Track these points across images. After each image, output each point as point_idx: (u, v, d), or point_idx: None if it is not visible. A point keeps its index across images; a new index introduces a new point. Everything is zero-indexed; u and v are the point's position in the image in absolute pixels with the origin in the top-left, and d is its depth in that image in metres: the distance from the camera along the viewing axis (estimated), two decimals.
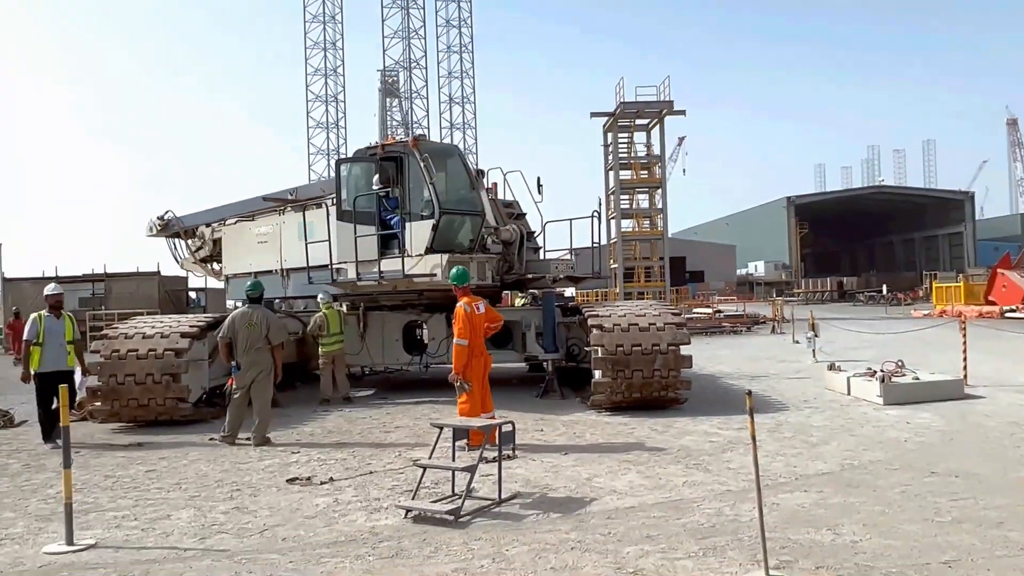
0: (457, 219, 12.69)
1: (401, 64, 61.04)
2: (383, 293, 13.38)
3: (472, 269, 11.97)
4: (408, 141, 12.66)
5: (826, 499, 6.45)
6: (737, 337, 27.96)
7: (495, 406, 12.17)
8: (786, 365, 17.23)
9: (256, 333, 9.70)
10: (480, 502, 6.59)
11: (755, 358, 19.23)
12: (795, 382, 14.16)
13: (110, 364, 10.80)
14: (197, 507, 6.76)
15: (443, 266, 11.73)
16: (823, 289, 68.34)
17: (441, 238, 12.25)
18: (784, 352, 20.50)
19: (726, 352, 21.14)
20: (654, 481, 7.24)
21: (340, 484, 7.45)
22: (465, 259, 12.01)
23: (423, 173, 12.13)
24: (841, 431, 9.40)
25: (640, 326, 11.09)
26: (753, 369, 16.75)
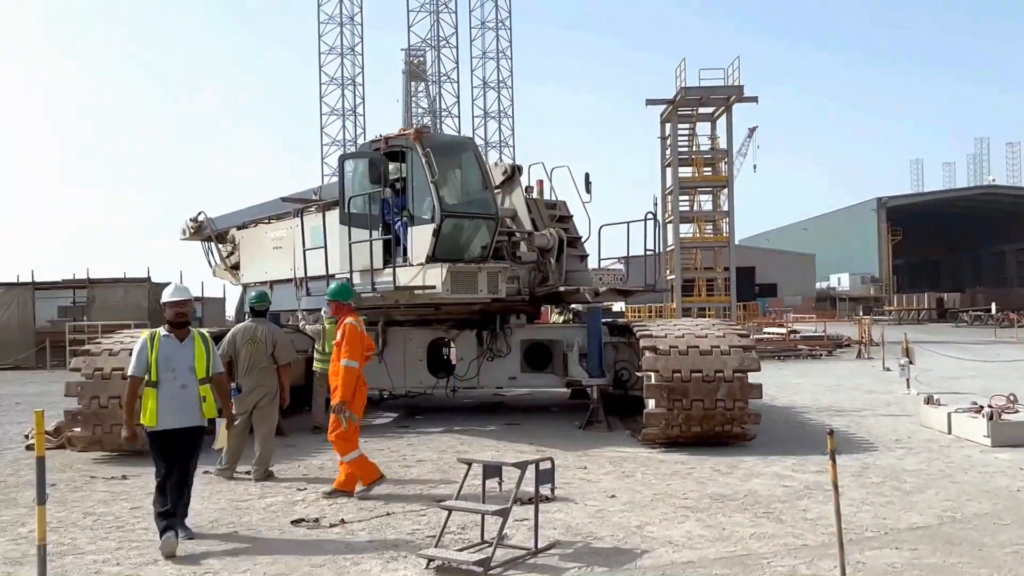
0: (465, 223, 12.63)
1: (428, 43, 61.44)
2: (392, 307, 13.44)
3: (480, 280, 11.97)
4: (411, 133, 12.64)
5: (921, 558, 6.33)
6: (816, 362, 27.62)
7: (532, 436, 12.26)
8: (874, 397, 16.98)
9: (260, 351, 9.79)
10: (513, 551, 6.58)
11: (837, 388, 18.99)
12: (885, 417, 13.96)
13: (92, 384, 10.98)
14: (188, 552, 6.83)
15: (444, 277, 11.67)
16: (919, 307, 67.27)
17: (445, 245, 12.16)
18: (872, 381, 20.22)
19: (802, 381, 20.90)
20: (716, 532, 7.17)
21: (352, 527, 7.48)
22: (472, 269, 11.96)
23: (425, 170, 12.12)
24: (940, 477, 9.24)
25: (701, 348, 11.02)
26: (835, 401, 16.53)
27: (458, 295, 11.94)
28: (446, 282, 11.68)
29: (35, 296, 32.60)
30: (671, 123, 40.08)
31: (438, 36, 61.49)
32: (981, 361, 23.79)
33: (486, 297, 12.24)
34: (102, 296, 32.59)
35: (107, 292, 32.74)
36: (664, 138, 41.10)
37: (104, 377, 10.99)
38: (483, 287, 12.01)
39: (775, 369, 23.56)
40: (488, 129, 62.35)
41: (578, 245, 15.12)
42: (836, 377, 21.69)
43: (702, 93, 38.79)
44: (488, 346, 13.97)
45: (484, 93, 62.88)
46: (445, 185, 12.56)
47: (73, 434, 11.30)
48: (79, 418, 11.01)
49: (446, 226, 12.15)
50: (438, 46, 61.53)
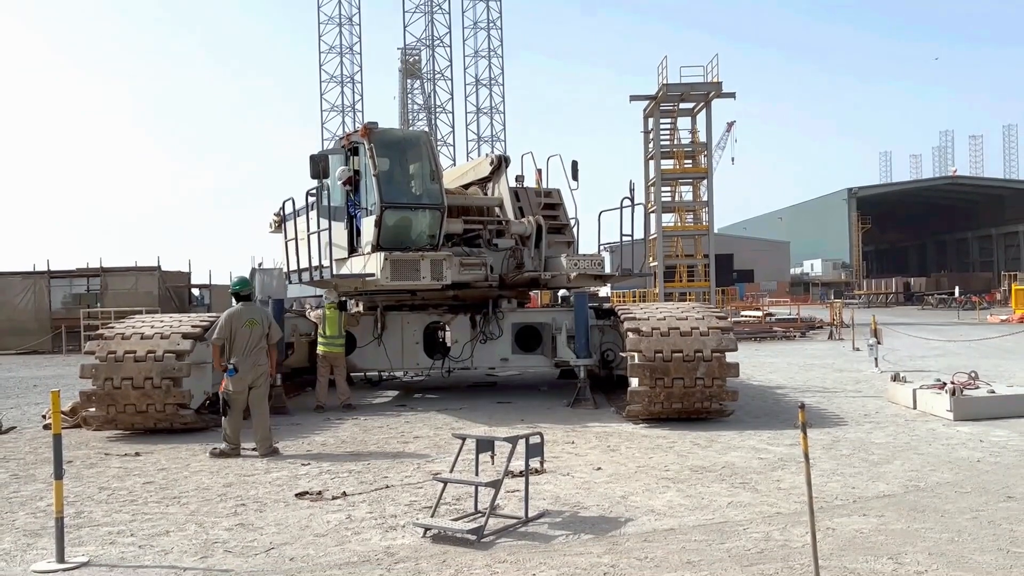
0: (410, 213, 12.77)
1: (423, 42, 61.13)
2: (377, 292, 13.68)
3: (423, 268, 12.01)
4: (360, 130, 12.91)
5: (887, 524, 6.38)
6: (790, 343, 27.73)
7: (523, 413, 12.30)
8: (844, 375, 17.06)
9: (258, 332, 9.82)
10: (505, 521, 6.61)
11: (810, 367, 19.07)
12: (854, 394, 14.03)
13: (106, 366, 10.95)
14: (198, 523, 6.85)
15: (383, 266, 11.84)
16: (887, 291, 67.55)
17: (389, 234, 12.37)
18: (842, 361, 20.30)
19: (777, 360, 20.98)
20: (696, 501, 7.21)
21: (353, 499, 7.50)
22: (413, 258, 12.01)
23: (370, 164, 12.38)
24: (905, 449, 9.30)
25: (681, 330, 11.05)
26: (807, 379, 16.61)
27: (399, 282, 12.08)
28: (385, 270, 11.84)
29: (50, 284, 32.48)
30: (654, 118, 39.99)
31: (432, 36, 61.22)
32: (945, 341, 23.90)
33: (431, 284, 12.26)
34: (114, 284, 32.46)
35: (119, 280, 32.61)
36: (647, 132, 41.00)
37: (117, 360, 10.96)
38: (426, 274, 12.04)
39: (752, 350, 23.64)
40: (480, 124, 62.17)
41: (565, 232, 15.13)
42: (809, 357, 21.77)
43: (683, 89, 38.70)
44: (481, 329, 14.00)
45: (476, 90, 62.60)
46: (392, 178, 12.75)
47: (88, 414, 11.28)
48: (94, 399, 10.98)
49: (388, 217, 12.34)
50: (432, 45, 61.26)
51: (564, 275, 13.56)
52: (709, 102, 39.08)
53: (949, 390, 11.33)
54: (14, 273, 33.14)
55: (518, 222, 13.86)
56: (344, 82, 60.45)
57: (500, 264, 13.45)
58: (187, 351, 11.11)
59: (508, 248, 13.54)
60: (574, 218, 15.27)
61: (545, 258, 13.79)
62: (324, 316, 13.33)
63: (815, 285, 74.82)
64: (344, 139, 13.56)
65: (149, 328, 11.55)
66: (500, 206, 14.41)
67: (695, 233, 41.64)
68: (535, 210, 14.28)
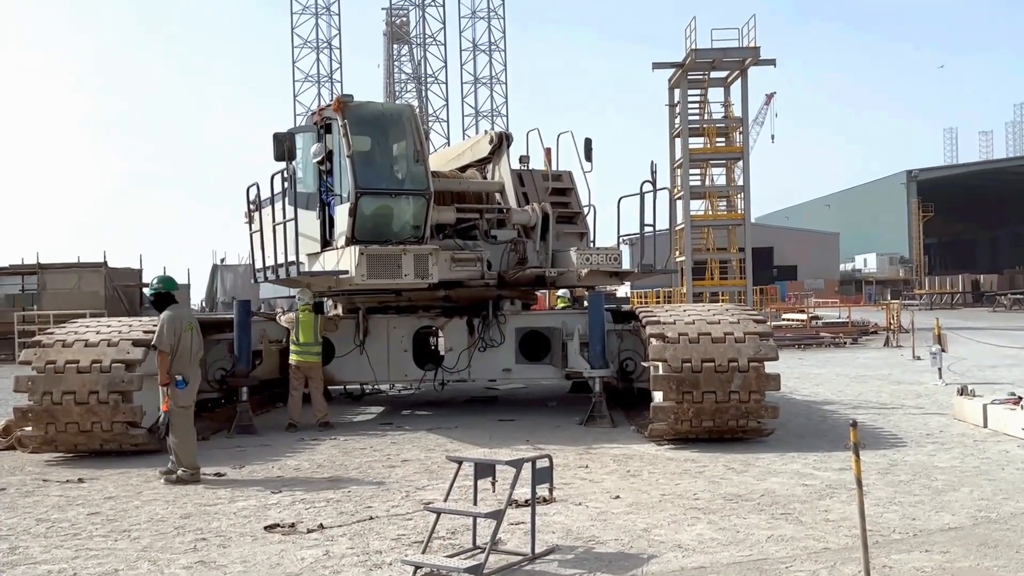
0: (388, 201, 12.75)
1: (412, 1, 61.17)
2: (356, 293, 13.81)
3: (405, 264, 11.92)
4: (333, 104, 12.84)
5: (953, 562, 6.38)
6: (839, 351, 27.72)
7: (529, 433, 12.30)
8: (903, 388, 17.07)
9: (198, 339, 10.01)
10: (508, 557, 6.61)
11: (863, 379, 19.08)
12: (915, 410, 14.04)
13: (44, 379, 10.97)
14: (152, 560, 6.86)
15: (358, 261, 11.73)
16: (952, 290, 67.51)
17: (366, 225, 12.30)
18: (900, 371, 20.31)
19: (825, 371, 20.99)
20: (730, 535, 7.21)
21: (332, 532, 7.51)
22: (393, 252, 11.93)
23: (343, 144, 12.32)
24: (975, 474, 9.30)
25: (713, 336, 11.05)
26: (860, 393, 16.62)
27: (377, 281, 11.97)
28: (360, 266, 11.74)
29: None
30: (680, 89, 39.98)
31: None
32: (1020, 348, 23.87)
33: (415, 283, 12.23)
34: (54, 283, 32.56)
35: (59, 278, 32.70)
36: (672, 105, 41.00)
37: (57, 371, 10.97)
38: (409, 272, 11.95)
39: (795, 359, 23.64)
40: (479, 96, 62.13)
41: (577, 220, 15.12)
42: (861, 367, 21.78)
43: (714, 56, 38.66)
44: (480, 335, 14.01)
45: (474, 56, 62.56)
46: (370, 160, 12.70)
47: (24, 433, 11.30)
48: (30, 416, 10.99)
49: (364, 204, 12.25)
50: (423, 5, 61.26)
51: (574, 272, 13.55)
52: (745, 70, 39.07)
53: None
54: None
55: (521, 210, 13.87)
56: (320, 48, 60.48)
57: (499, 259, 13.45)
58: (138, 360, 11.12)
59: (509, 241, 13.54)
60: (589, 205, 15.29)
61: (553, 252, 13.76)
62: (297, 320, 13.33)
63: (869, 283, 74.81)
64: (316, 115, 13.57)
65: (94, 334, 11.57)
66: (501, 191, 14.42)
67: (728, 223, 41.68)
68: (542, 196, 14.29)
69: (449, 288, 13.33)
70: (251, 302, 14.74)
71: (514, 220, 13.80)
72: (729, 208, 42.13)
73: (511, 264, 13.45)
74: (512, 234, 13.67)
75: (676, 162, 40.57)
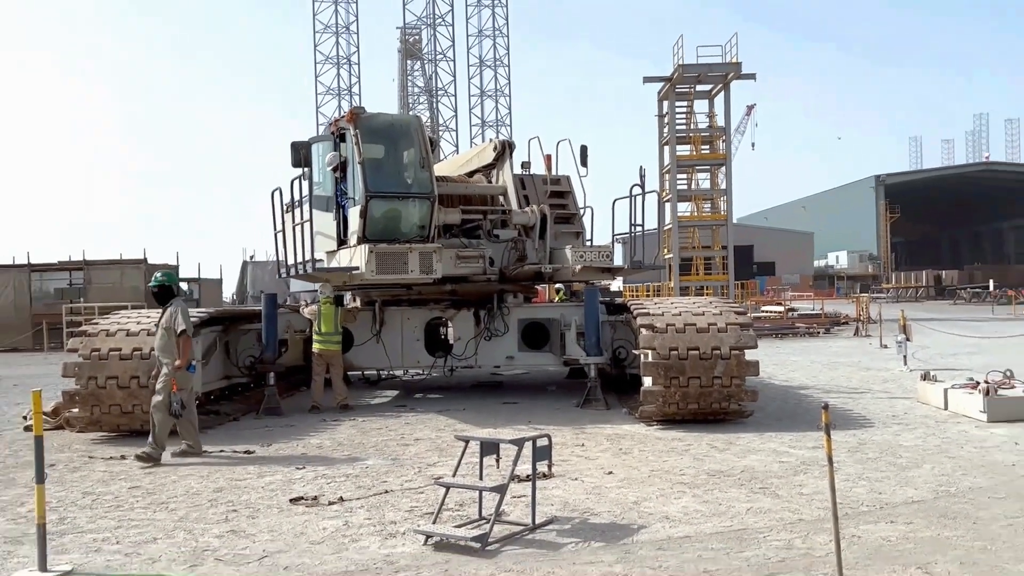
0: (397, 203, 12.81)
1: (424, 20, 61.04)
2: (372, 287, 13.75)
3: (411, 261, 12.04)
4: (346, 115, 12.98)
5: (916, 532, 6.38)
6: (813, 340, 27.70)
7: (530, 414, 12.30)
8: (871, 374, 17.06)
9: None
10: (511, 527, 6.62)
11: (834, 365, 19.06)
12: (882, 394, 14.02)
13: (90, 365, 10.99)
14: (187, 529, 6.88)
15: (368, 258, 11.89)
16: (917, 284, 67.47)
17: (375, 225, 12.42)
18: (869, 359, 20.29)
19: (800, 358, 20.97)
20: (713, 507, 7.22)
21: (351, 505, 7.52)
22: (400, 250, 12.07)
23: (355, 151, 12.47)
24: (936, 452, 9.28)
25: (698, 326, 11.04)
26: (832, 378, 16.60)
27: (385, 276, 12.11)
28: (370, 263, 11.90)
29: (31, 278, 32.59)
30: (668, 101, 39.95)
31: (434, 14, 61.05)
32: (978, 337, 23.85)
33: (421, 278, 12.32)
34: (98, 277, 32.56)
35: (103, 274, 32.71)
36: (661, 116, 40.97)
37: (101, 358, 10.99)
38: (415, 268, 12.07)
39: (772, 347, 23.63)
40: (485, 108, 62.08)
41: (574, 221, 15.12)
42: (833, 355, 21.76)
43: (700, 71, 38.63)
44: (486, 325, 14.01)
45: (481, 72, 62.45)
46: (379, 166, 12.82)
47: (71, 415, 11.33)
48: (77, 399, 11.02)
49: (374, 207, 12.38)
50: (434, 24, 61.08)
51: (569, 268, 13.55)
52: (728, 84, 39.04)
53: (983, 390, 11.30)
54: None
55: (521, 212, 13.86)
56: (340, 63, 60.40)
57: (501, 256, 13.44)
58: None
59: (510, 239, 13.53)
60: (586, 207, 15.27)
61: (551, 250, 13.76)
62: (319, 312, 13.35)
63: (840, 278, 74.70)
64: (332, 125, 13.65)
65: (135, 324, 11.58)
66: (504, 194, 14.41)
67: (713, 223, 41.63)
68: (541, 198, 14.27)
69: (455, 283, 13.36)
70: (277, 295, 14.75)
71: (515, 220, 13.79)
72: (713, 210, 42.05)
73: (512, 261, 13.43)
74: (513, 233, 13.66)
75: (665, 168, 40.52)
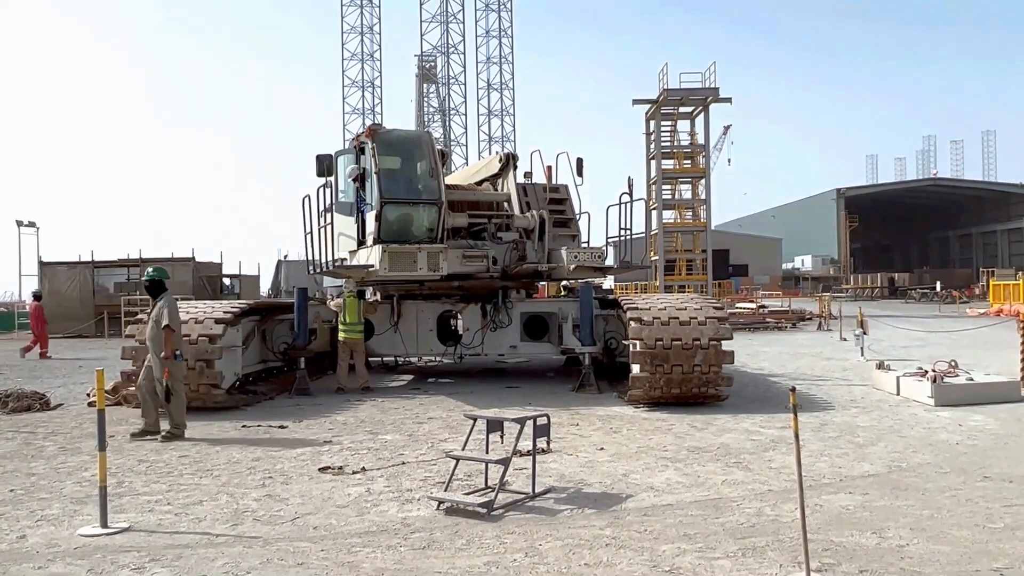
0: (409, 208, 12.86)
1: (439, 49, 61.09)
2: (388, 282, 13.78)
3: (420, 260, 12.16)
4: (365, 131, 13.17)
5: (871, 501, 6.37)
6: (781, 333, 27.64)
7: (531, 397, 12.29)
8: (832, 363, 17.00)
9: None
10: (513, 496, 6.62)
11: (800, 355, 19.01)
12: (841, 381, 13.98)
13: (144, 349, 10.99)
14: (229, 493, 6.89)
15: (381, 258, 12.02)
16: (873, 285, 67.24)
17: (389, 228, 12.49)
18: (831, 350, 20.23)
19: (769, 349, 20.93)
20: (692, 479, 7.21)
21: (372, 474, 7.53)
22: (410, 250, 12.21)
23: (372, 163, 12.62)
24: (889, 432, 9.27)
25: (680, 320, 11.02)
26: (798, 367, 16.56)
27: (396, 273, 12.28)
28: (383, 261, 12.02)
29: (95, 273, 32.70)
30: (655, 120, 39.87)
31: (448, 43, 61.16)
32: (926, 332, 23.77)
33: (429, 275, 12.43)
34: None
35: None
36: (648, 134, 40.87)
37: None
38: (423, 266, 12.18)
39: (746, 340, 23.58)
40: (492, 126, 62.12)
41: (571, 225, 15.11)
42: (799, 346, 21.70)
43: (682, 94, 38.58)
44: (491, 318, 13.99)
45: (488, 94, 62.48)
46: (393, 175, 12.91)
47: (128, 392, 11.35)
48: (133, 378, 11.03)
49: (388, 211, 12.48)
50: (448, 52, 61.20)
51: (564, 267, 13.54)
52: (707, 106, 38.97)
53: (930, 377, 11.29)
54: (62, 263, 33.38)
55: (521, 216, 13.84)
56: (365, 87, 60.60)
57: (503, 256, 13.42)
58: (219, 335, 11.15)
59: (511, 241, 13.52)
60: (583, 212, 15.26)
61: (549, 251, 13.74)
62: (344, 304, 13.37)
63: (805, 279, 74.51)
64: (354, 140, 13.76)
65: (184, 314, 11.56)
66: (508, 201, 14.39)
67: (693, 229, 41.58)
68: (541, 204, 14.28)
69: (462, 279, 13.37)
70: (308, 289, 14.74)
71: (516, 224, 13.76)
72: (694, 217, 41.98)
73: (513, 260, 13.42)
74: (514, 236, 13.62)
75: (652, 180, 40.43)
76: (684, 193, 42.60)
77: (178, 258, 33.20)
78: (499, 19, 62.18)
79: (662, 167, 39.76)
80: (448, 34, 60.98)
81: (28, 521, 6.16)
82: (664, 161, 40.07)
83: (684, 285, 39.64)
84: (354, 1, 60.50)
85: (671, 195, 41.91)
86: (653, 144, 40.15)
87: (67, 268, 32.83)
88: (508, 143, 61.09)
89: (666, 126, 40.54)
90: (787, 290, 63.15)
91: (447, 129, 61.13)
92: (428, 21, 60.70)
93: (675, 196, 42.29)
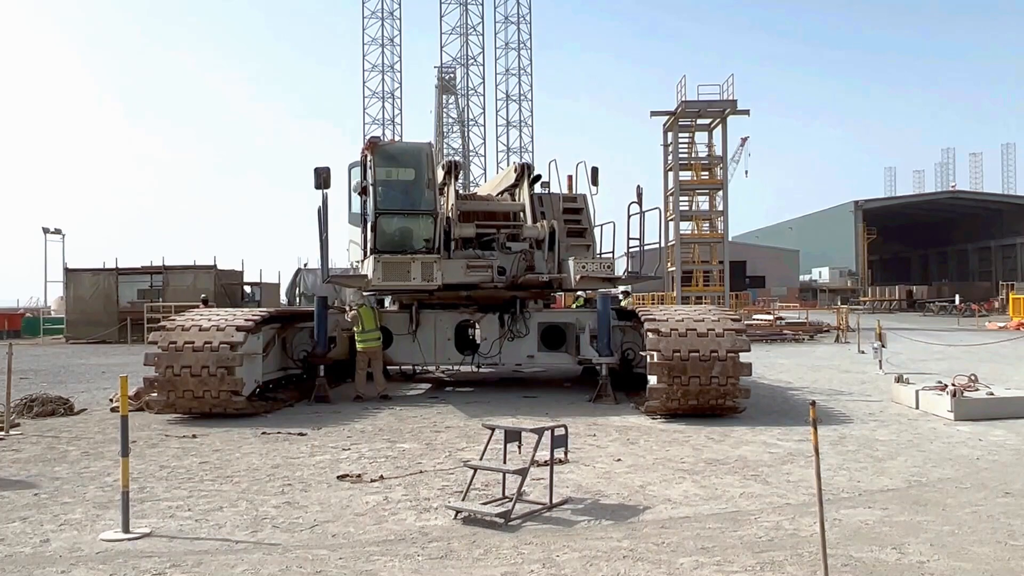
0: (404, 219, 12.92)
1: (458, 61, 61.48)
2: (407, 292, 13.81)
3: (414, 270, 12.17)
4: (366, 145, 13.26)
5: (891, 516, 6.29)
6: (799, 346, 27.44)
7: (548, 407, 12.26)
8: (850, 376, 16.85)
9: None
10: (531, 506, 6.59)
11: (818, 368, 18.86)
12: (860, 394, 13.84)
13: (167, 356, 11.09)
14: (249, 500, 6.91)
15: (374, 268, 12.06)
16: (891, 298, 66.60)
17: (384, 239, 12.56)
18: (849, 363, 20.06)
19: (787, 361, 20.77)
20: (710, 491, 7.15)
21: (390, 482, 7.53)
22: (403, 260, 12.22)
23: (371, 175, 12.72)
24: (908, 446, 9.16)
25: (698, 331, 10.97)
26: (815, 380, 16.42)
27: (390, 283, 12.35)
28: (376, 271, 12.09)
29: (118, 280, 33.03)
30: (672, 132, 39.85)
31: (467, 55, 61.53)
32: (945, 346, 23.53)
33: (423, 285, 12.42)
34: (175, 281, 32.90)
35: (179, 277, 33.04)
36: (666, 145, 40.86)
37: (177, 349, 11.09)
38: (416, 276, 12.21)
39: (763, 351, 23.42)
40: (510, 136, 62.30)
41: (586, 235, 15.07)
42: (817, 359, 21.54)
43: (700, 106, 38.53)
44: (509, 327, 13.97)
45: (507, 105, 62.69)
46: (390, 187, 13.01)
47: (150, 398, 11.43)
48: (156, 384, 11.12)
49: (383, 223, 12.61)
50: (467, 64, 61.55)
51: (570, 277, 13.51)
52: (725, 118, 38.89)
53: (950, 392, 11.15)
54: (86, 270, 33.76)
55: (531, 226, 13.81)
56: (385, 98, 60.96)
57: (512, 266, 13.39)
58: (240, 343, 11.22)
59: (520, 251, 13.49)
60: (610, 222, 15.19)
61: (560, 260, 13.71)
62: (359, 313, 13.37)
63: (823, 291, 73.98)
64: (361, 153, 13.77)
65: (206, 321, 11.68)
66: (522, 210, 14.39)
67: (711, 241, 41.42)
68: (555, 215, 14.26)
69: (468, 289, 13.38)
70: (327, 298, 14.80)
71: (526, 234, 13.73)
72: (711, 228, 41.81)
73: (521, 270, 13.40)
74: (524, 246, 13.58)
75: (669, 191, 40.38)
76: (702, 204, 42.46)
77: (200, 266, 33.46)
78: (518, 31, 62.51)
79: (679, 179, 39.69)
80: (468, 46, 61.40)
81: (51, 525, 6.21)
82: (682, 172, 40.03)
83: (701, 296, 39.46)
84: (375, 13, 61.03)
85: (688, 206, 41.79)
86: (671, 155, 40.11)
87: (91, 275, 33.24)
88: (526, 153, 61.27)
89: (684, 138, 40.51)
90: (804, 302, 62.75)
91: (466, 140, 61.40)
92: (448, 33, 61.23)
93: (693, 207, 42.16)
